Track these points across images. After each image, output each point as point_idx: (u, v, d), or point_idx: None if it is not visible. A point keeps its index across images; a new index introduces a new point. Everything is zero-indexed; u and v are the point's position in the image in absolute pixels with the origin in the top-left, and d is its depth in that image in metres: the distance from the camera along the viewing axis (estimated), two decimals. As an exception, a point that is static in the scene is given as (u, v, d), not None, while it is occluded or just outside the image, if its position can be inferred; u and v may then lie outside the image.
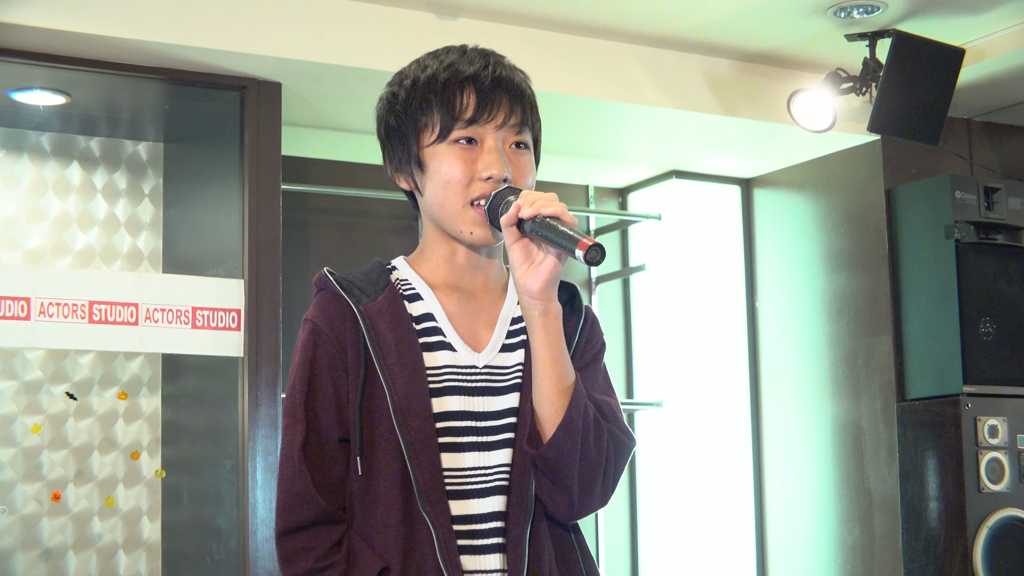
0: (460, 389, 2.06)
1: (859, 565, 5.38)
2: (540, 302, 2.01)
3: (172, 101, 4.77)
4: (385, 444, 2.02)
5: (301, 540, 2.03)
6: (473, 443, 2.05)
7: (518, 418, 2.06)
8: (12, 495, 4.77)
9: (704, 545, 5.74)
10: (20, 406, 4.81)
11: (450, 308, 2.11)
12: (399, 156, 2.14)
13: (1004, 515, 5.01)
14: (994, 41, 4.97)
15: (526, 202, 1.97)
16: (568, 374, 2.04)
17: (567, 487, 2.03)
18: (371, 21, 4.52)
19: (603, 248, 1.92)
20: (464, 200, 2.06)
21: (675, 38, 4.97)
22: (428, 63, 2.12)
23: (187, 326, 4.41)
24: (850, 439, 5.43)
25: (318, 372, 2.06)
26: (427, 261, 2.16)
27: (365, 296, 2.08)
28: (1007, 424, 5.08)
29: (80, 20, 4.15)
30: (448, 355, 2.08)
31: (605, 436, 2.05)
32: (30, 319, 4.21)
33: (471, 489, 2.04)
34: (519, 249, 1.99)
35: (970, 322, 5.09)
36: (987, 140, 5.64)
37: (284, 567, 2.04)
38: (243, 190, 4.53)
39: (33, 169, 4.93)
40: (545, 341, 2.02)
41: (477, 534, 2.03)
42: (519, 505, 2.03)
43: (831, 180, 5.60)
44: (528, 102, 2.14)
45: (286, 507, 2.04)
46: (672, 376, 5.87)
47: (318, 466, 2.04)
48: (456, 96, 2.08)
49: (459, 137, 2.07)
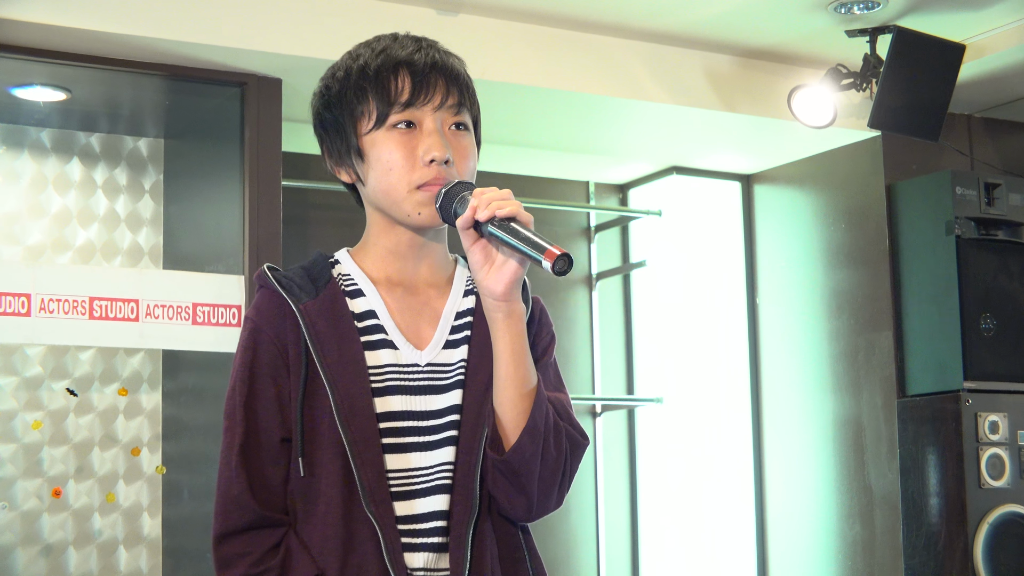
0: (402, 388, 2.03)
1: (860, 561, 5.38)
2: (504, 304, 1.99)
3: (172, 97, 4.77)
4: (327, 444, 1.99)
5: (236, 545, 2.01)
6: (415, 443, 2.02)
7: (461, 416, 2.04)
8: (13, 491, 4.77)
9: (705, 541, 5.74)
10: (20, 402, 4.81)
11: (392, 304, 2.08)
12: (338, 148, 2.11)
13: (1004, 511, 5.01)
14: (995, 37, 4.97)
15: (481, 203, 1.94)
16: (531, 376, 2.02)
17: (527, 491, 2.01)
18: (371, 17, 4.52)
19: (571, 257, 1.88)
20: (408, 185, 2.03)
21: (675, 34, 4.97)
22: (360, 52, 2.10)
23: (187, 322, 4.41)
24: (851, 435, 5.44)
25: (258, 372, 2.03)
26: (370, 254, 2.12)
27: (305, 294, 2.05)
28: (1008, 420, 5.09)
29: (80, 16, 4.15)
30: (390, 353, 2.05)
31: (564, 439, 2.03)
32: (31, 315, 4.21)
33: (414, 489, 2.01)
34: (478, 251, 1.97)
35: (970, 318, 5.09)
36: (987, 136, 5.64)
37: (219, 572, 2.02)
38: (243, 186, 4.53)
39: (33, 165, 4.93)
40: (508, 343, 2.00)
41: (419, 533, 2.00)
42: (463, 504, 2.00)
43: (832, 176, 5.60)
44: (464, 83, 2.10)
45: (222, 512, 2.01)
46: (672, 372, 5.87)
47: (256, 469, 2.01)
48: (391, 81, 2.04)
49: (397, 122, 2.04)
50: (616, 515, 6.00)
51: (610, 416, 6.02)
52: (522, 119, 5.15)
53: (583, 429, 2.09)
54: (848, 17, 4.79)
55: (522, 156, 5.62)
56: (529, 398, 2.00)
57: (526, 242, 1.91)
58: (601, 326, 6.08)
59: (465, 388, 2.05)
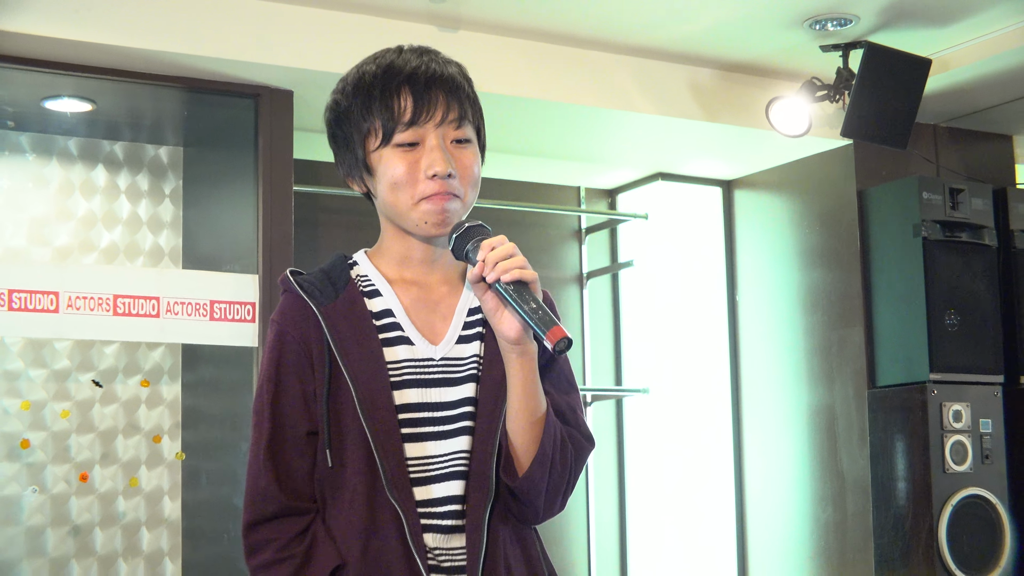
0: (418, 382, 2.03)
1: (832, 541, 5.38)
2: (518, 346, 1.99)
3: (191, 108, 4.77)
4: (351, 436, 1.99)
5: (264, 532, 2.01)
6: (431, 432, 2.02)
7: (477, 408, 2.04)
8: (43, 476, 4.77)
9: (688, 523, 5.75)
10: (50, 393, 4.81)
11: (408, 302, 2.08)
12: (348, 162, 2.10)
13: (967, 493, 5.01)
14: (959, 52, 4.97)
15: (488, 261, 1.93)
16: (541, 406, 2.02)
17: (535, 506, 2.03)
18: (376, 33, 4.52)
19: (571, 340, 1.88)
20: (412, 199, 2.02)
21: (661, 49, 4.97)
22: (366, 67, 2.08)
23: (205, 318, 4.41)
24: (824, 424, 5.44)
25: (285, 372, 2.03)
26: (385, 257, 2.11)
27: (325, 297, 2.05)
28: (970, 409, 5.09)
29: (105, 32, 4.14)
30: (406, 349, 2.04)
31: (569, 453, 2.04)
32: (59, 312, 4.21)
33: (431, 475, 2.01)
34: (489, 300, 1.97)
35: (936, 314, 5.09)
36: (952, 144, 5.64)
37: (248, 559, 2.02)
38: (257, 191, 4.53)
39: (61, 172, 4.92)
40: (521, 380, 2.00)
41: (435, 516, 2.00)
42: (479, 490, 2.01)
43: (806, 182, 5.60)
44: (464, 95, 2.08)
45: (251, 502, 2.02)
46: (658, 365, 5.87)
47: (283, 461, 2.01)
48: (394, 99, 2.03)
49: (401, 141, 2.03)
50: (605, 498, 6.00)
51: (600, 405, 6.02)
52: (518, 128, 5.14)
53: (589, 431, 2.10)
54: (822, 33, 4.79)
55: (518, 163, 5.62)
56: (539, 425, 2.01)
57: (531, 315, 1.91)
58: (591, 322, 6.08)
59: (480, 383, 2.05)
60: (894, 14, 4.65)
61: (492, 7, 4.51)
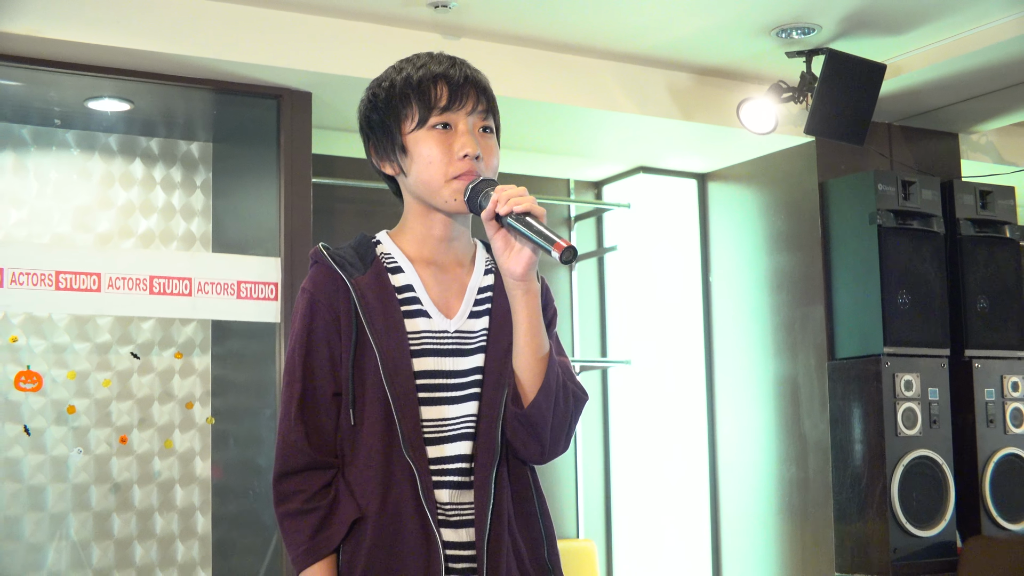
0: (434, 351, 2.03)
1: (796, 497, 5.40)
2: (523, 283, 1.98)
3: (219, 107, 4.76)
4: (372, 398, 1.99)
5: (293, 483, 2.00)
6: (445, 397, 2.02)
7: (484, 376, 2.04)
8: (87, 439, 4.78)
9: (666, 481, 5.75)
10: (93, 364, 4.82)
11: (427, 279, 2.08)
12: (384, 145, 2.10)
13: (916, 455, 5.02)
14: (911, 58, 4.97)
15: (501, 198, 1.94)
16: (544, 343, 2.02)
17: (541, 439, 2.02)
18: (387, 41, 4.52)
19: (575, 249, 1.87)
20: (445, 176, 2.03)
21: (642, 55, 4.97)
22: (403, 67, 2.10)
23: (233, 297, 4.42)
24: (788, 392, 5.45)
25: (315, 336, 2.02)
26: (407, 236, 2.11)
27: (355, 270, 2.05)
28: (920, 379, 5.10)
29: (142, 39, 4.15)
30: (424, 321, 2.04)
31: (570, 396, 2.04)
32: (100, 291, 4.22)
33: (443, 436, 2.01)
34: (500, 239, 1.97)
35: (889, 294, 5.09)
36: (904, 141, 5.65)
37: (277, 506, 2.01)
38: (279, 182, 4.53)
39: (103, 165, 4.93)
40: (526, 316, 2.00)
41: (445, 472, 2.00)
42: (486, 450, 2.01)
43: (773, 174, 5.61)
44: (489, 95, 2.11)
45: (282, 455, 2.01)
46: (639, 339, 5.88)
47: (311, 419, 2.01)
48: (431, 89, 2.05)
49: (436, 123, 2.04)
50: (592, 458, 6.01)
51: (587, 375, 6.03)
52: (513, 126, 5.11)
53: (583, 387, 2.10)
54: (788, 41, 4.79)
55: (513, 157, 5.61)
56: (543, 362, 2.01)
57: (538, 235, 1.91)
58: (580, 300, 6.09)
59: (487, 353, 2.06)
60: (853, 23, 4.66)
61: (491, 17, 4.51)
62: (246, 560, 4.80)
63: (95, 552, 4.78)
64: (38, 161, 4.81)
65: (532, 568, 2.06)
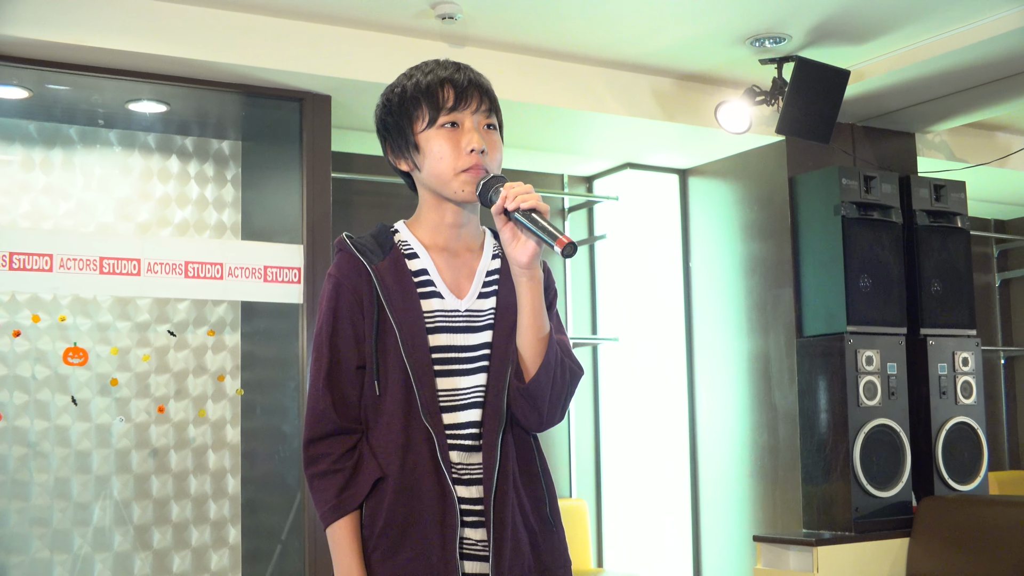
0: (447, 328, 2.04)
1: (767, 461, 5.42)
2: (527, 271, 2.00)
3: (247, 109, 4.76)
4: (393, 370, 2.00)
5: (321, 447, 2.02)
6: (457, 370, 2.04)
7: (492, 351, 2.05)
8: (128, 408, 4.79)
9: (651, 446, 5.77)
10: (133, 341, 4.83)
11: (440, 264, 2.09)
12: (399, 144, 2.10)
13: (876, 423, 5.04)
14: (872, 65, 4.97)
15: (510, 195, 1.95)
16: (545, 325, 2.03)
17: (540, 409, 2.03)
18: (398, 49, 4.51)
19: (575, 245, 1.88)
20: (455, 169, 2.04)
21: (629, 62, 4.96)
22: (413, 74, 2.10)
23: (260, 280, 4.42)
24: (761, 366, 5.46)
25: (341, 316, 2.04)
26: (422, 225, 2.12)
27: (375, 257, 2.06)
28: (879, 355, 5.11)
29: (178, 47, 4.14)
30: (438, 301, 2.06)
31: (567, 371, 2.06)
32: (140, 275, 4.22)
33: (456, 404, 2.03)
34: (508, 231, 1.98)
35: (852, 278, 5.10)
36: (866, 140, 5.64)
37: (307, 468, 2.04)
38: (302, 177, 4.52)
39: (142, 161, 4.93)
40: (530, 300, 2.01)
41: (458, 437, 2.02)
42: (493, 418, 2.02)
43: (747, 170, 5.60)
44: (492, 96, 2.12)
45: (311, 422, 2.03)
46: (627, 318, 5.88)
47: (338, 389, 2.02)
48: (439, 92, 2.06)
49: (444, 122, 2.05)
50: (583, 426, 6.02)
51: (579, 351, 6.03)
52: (513, 126, 5.13)
53: (580, 362, 2.11)
54: (761, 49, 4.79)
55: (512, 154, 5.61)
56: (544, 342, 2.03)
57: (542, 230, 1.92)
58: (573, 283, 6.09)
59: (494, 330, 2.07)
60: (820, 34, 4.65)
61: (493, 28, 4.51)
62: (272, 517, 4.82)
63: (135, 510, 4.80)
64: (84, 158, 4.81)
65: (535, 521, 2.07)
